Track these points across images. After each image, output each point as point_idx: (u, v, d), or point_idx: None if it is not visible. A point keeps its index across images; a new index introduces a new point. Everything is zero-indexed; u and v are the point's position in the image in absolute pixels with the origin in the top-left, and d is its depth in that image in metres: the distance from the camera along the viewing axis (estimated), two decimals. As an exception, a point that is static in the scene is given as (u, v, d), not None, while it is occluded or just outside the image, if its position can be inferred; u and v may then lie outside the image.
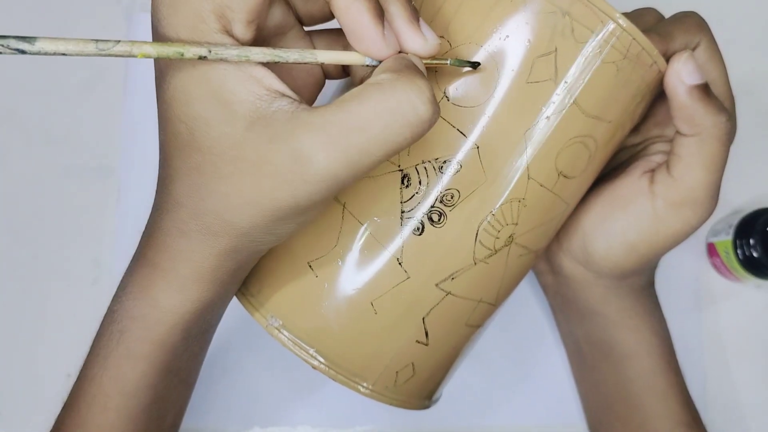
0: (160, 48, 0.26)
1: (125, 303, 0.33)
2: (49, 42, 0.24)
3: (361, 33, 0.28)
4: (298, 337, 0.34)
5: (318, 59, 0.29)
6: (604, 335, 0.44)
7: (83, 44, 0.25)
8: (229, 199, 0.29)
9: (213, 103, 0.28)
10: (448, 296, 0.34)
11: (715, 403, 0.52)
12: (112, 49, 0.25)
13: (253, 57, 0.27)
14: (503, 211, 0.33)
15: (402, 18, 0.29)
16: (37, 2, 0.55)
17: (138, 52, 0.26)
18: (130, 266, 0.34)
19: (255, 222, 0.29)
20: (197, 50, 0.26)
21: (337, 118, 0.27)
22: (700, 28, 0.37)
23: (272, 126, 0.27)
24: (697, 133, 0.36)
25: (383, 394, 0.35)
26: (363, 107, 0.27)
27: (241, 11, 0.28)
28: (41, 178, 0.53)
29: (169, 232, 0.31)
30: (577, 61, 0.32)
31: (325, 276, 0.34)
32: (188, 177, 0.29)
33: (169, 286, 0.32)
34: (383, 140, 0.27)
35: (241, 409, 0.51)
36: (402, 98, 0.27)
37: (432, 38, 0.30)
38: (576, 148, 0.34)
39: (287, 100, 0.28)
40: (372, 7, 0.28)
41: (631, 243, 0.38)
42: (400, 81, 0.27)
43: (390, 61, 0.29)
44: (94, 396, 0.34)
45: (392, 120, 0.27)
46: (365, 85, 0.27)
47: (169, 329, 0.33)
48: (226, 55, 0.27)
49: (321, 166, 0.27)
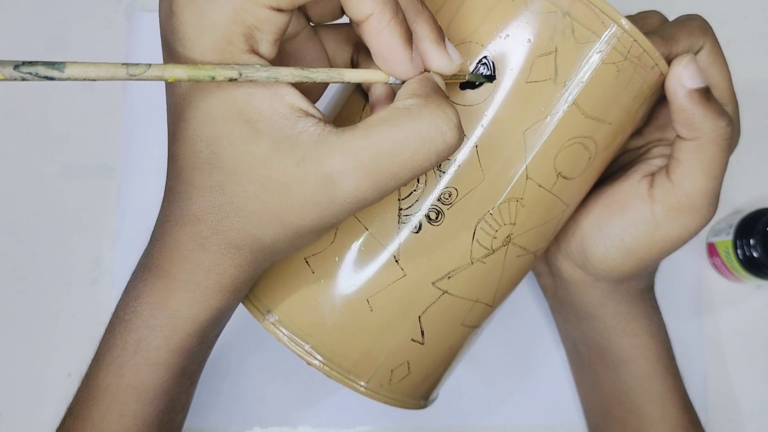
0: (191, 71, 0.26)
1: (141, 313, 0.33)
2: (79, 67, 0.24)
3: (389, 56, 0.28)
4: (294, 332, 0.34)
5: (344, 78, 0.29)
6: (601, 339, 0.44)
7: (114, 69, 0.24)
8: (255, 216, 0.29)
9: (237, 123, 0.28)
10: (444, 295, 0.34)
11: (715, 402, 0.52)
12: (143, 74, 0.25)
13: (282, 78, 0.27)
14: (501, 211, 0.33)
15: (429, 39, 0.30)
16: (38, 2, 0.55)
17: (169, 75, 0.25)
18: (142, 275, 0.33)
19: (279, 238, 0.29)
20: (228, 73, 0.26)
21: (367, 144, 0.27)
22: (704, 31, 0.37)
23: (299, 147, 0.27)
24: (696, 138, 0.35)
25: (378, 393, 0.35)
26: (392, 133, 0.27)
27: (269, 32, 0.28)
28: (41, 178, 0.53)
29: (186, 246, 0.31)
30: (577, 62, 0.32)
31: (321, 272, 0.34)
32: (210, 194, 0.29)
33: (190, 297, 0.32)
34: (411, 165, 0.27)
35: (242, 409, 0.51)
36: (431, 126, 0.27)
37: (457, 58, 0.30)
38: (575, 149, 0.34)
39: (312, 120, 0.28)
40: (403, 32, 0.28)
41: (628, 247, 0.38)
42: (428, 108, 0.27)
43: (416, 84, 0.29)
44: (110, 403, 0.34)
45: (421, 146, 0.27)
46: (393, 109, 0.28)
47: (187, 336, 0.33)
48: (257, 77, 0.27)
49: (350, 190, 0.27)
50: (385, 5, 0.27)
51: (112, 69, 0.24)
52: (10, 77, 0.23)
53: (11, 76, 0.23)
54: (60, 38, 0.55)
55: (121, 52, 0.54)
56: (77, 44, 0.55)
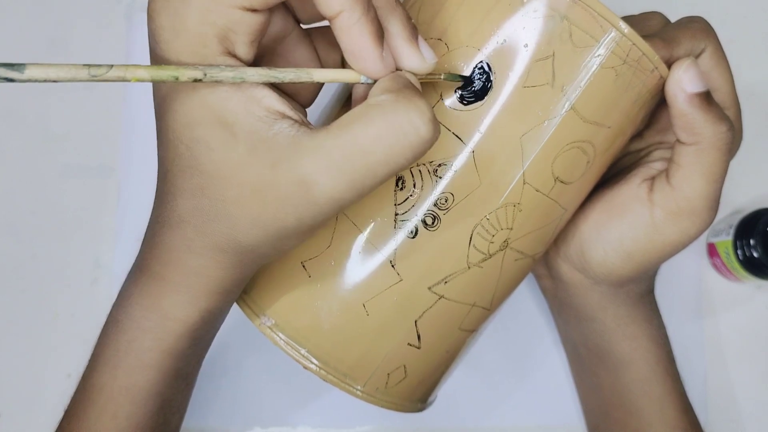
0: (154, 72, 0.25)
1: (133, 314, 0.33)
2: (39, 69, 0.23)
3: (359, 54, 0.28)
4: (290, 336, 0.35)
5: (313, 78, 0.29)
6: (600, 341, 0.44)
7: (75, 70, 0.24)
8: (236, 220, 0.29)
9: (214, 127, 0.28)
10: (440, 300, 0.34)
11: (715, 403, 0.52)
12: (105, 75, 0.25)
13: (248, 78, 0.27)
14: (498, 216, 0.33)
15: (401, 37, 0.29)
16: (38, 2, 0.55)
17: (131, 76, 0.25)
18: (134, 276, 0.34)
19: (260, 241, 0.29)
20: (192, 73, 0.26)
21: (340, 143, 0.27)
22: (706, 34, 0.37)
23: (274, 150, 0.27)
24: (696, 142, 0.35)
25: (374, 396, 0.36)
26: (365, 130, 0.27)
27: (244, 33, 0.28)
28: (41, 178, 0.53)
29: (175, 248, 0.31)
30: (575, 66, 0.32)
31: (317, 276, 0.34)
32: (192, 197, 0.29)
33: (180, 299, 0.32)
34: (386, 161, 0.27)
35: (241, 410, 0.51)
36: (403, 120, 0.27)
37: (430, 56, 0.30)
38: (573, 153, 0.34)
39: (288, 122, 0.28)
40: (373, 30, 0.28)
41: (628, 251, 0.38)
42: (400, 102, 0.27)
43: (387, 81, 0.29)
44: (104, 405, 0.34)
45: (395, 141, 0.27)
46: (365, 106, 0.27)
47: (178, 337, 0.33)
48: (222, 77, 0.27)
49: (326, 190, 0.27)
50: (356, 2, 0.27)
51: (73, 70, 0.24)
52: None
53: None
54: (60, 38, 0.55)
55: (121, 52, 0.54)
56: (77, 44, 0.55)
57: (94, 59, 0.54)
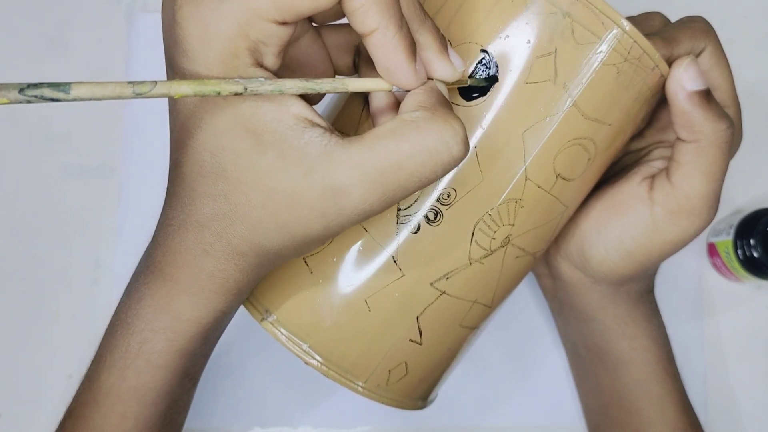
0: (197, 87, 0.26)
1: (144, 316, 0.33)
2: (85, 88, 0.23)
3: (394, 69, 0.28)
4: (292, 332, 0.35)
5: (349, 88, 0.29)
6: (600, 341, 0.44)
7: (120, 88, 0.24)
8: (261, 225, 0.29)
9: (242, 135, 0.28)
10: (442, 296, 0.34)
11: (715, 403, 0.52)
12: (150, 92, 0.25)
13: (286, 90, 0.27)
14: (500, 212, 0.33)
15: (433, 49, 0.30)
16: (38, 2, 0.55)
17: (176, 92, 0.25)
18: (144, 278, 0.33)
19: (285, 245, 0.30)
20: (233, 88, 0.26)
21: (374, 156, 0.27)
22: (706, 33, 0.37)
23: (305, 159, 0.27)
24: (696, 140, 0.35)
25: (375, 393, 0.35)
26: (399, 146, 0.27)
27: (274, 45, 0.28)
28: (42, 178, 0.53)
29: (190, 251, 0.31)
30: (577, 63, 0.32)
31: (320, 272, 0.34)
32: (214, 202, 0.29)
33: (193, 300, 0.32)
34: (417, 177, 0.28)
35: (242, 410, 0.51)
36: (437, 140, 0.27)
37: (459, 65, 0.30)
38: (575, 150, 0.34)
39: (318, 131, 0.28)
40: (408, 45, 0.28)
41: (628, 250, 0.38)
42: (435, 122, 0.27)
43: (422, 95, 0.29)
44: (111, 406, 0.34)
45: (427, 160, 0.27)
46: (400, 121, 0.28)
47: (191, 338, 0.33)
48: (262, 90, 0.27)
49: (357, 202, 0.27)
50: (390, 20, 0.27)
51: (118, 88, 0.24)
52: (15, 100, 0.23)
53: (16, 99, 0.23)
54: (60, 38, 0.55)
55: (121, 52, 0.54)
56: (77, 44, 0.55)
57: (94, 59, 0.54)
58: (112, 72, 0.54)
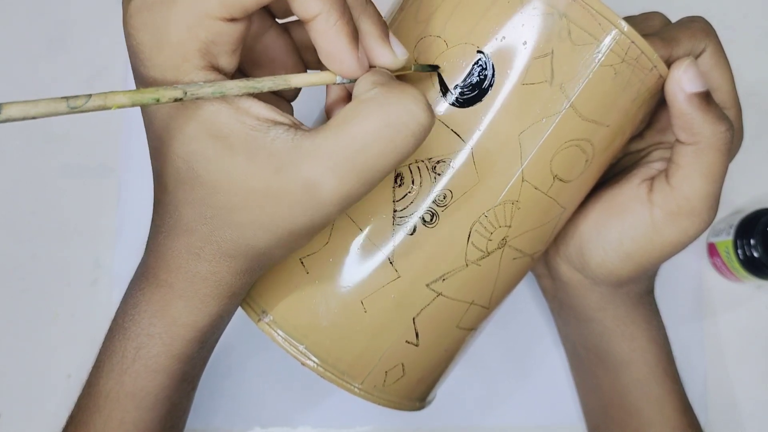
0: (134, 96, 0.25)
1: (140, 321, 0.33)
2: (16, 107, 0.23)
3: (336, 55, 0.28)
4: (289, 333, 0.35)
5: (291, 84, 0.29)
6: (600, 342, 0.44)
7: (54, 104, 0.23)
8: (244, 227, 0.29)
9: (209, 140, 0.28)
10: (438, 297, 0.34)
11: (715, 403, 0.52)
12: (85, 106, 0.24)
13: (228, 92, 0.27)
14: (496, 213, 0.33)
15: (373, 35, 0.29)
16: (38, 2, 0.55)
17: (112, 104, 0.25)
18: (140, 284, 0.33)
19: (272, 244, 0.30)
20: (172, 93, 0.26)
21: (341, 142, 0.27)
22: (706, 34, 0.37)
23: (275, 156, 0.27)
24: (695, 142, 0.35)
25: (372, 394, 0.35)
26: (363, 126, 0.27)
27: (226, 44, 0.27)
28: (41, 178, 0.53)
29: (181, 256, 0.31)
30: (574, 64, 0.32)
31: (316, 273, 0.34)
32: (196, 207, 0.29)
33: (188, 305, 0.32)
34: (389, 153, 0.27)
35: (242, 410, 0.51)
36: (401, 110, 0.27)
37: (401, 52, 0.30)
38: (572, 151, 0.33)
39: (282, 127, 0.27)
40: (350, 32, 0.28)
41: (627, 251, 0.38)
42: (393, 93, 0.27)
43: (373, 75, 0.29)
44: (111, 411, 0.34)
45: (395, 133, 0.27)
46: (360, 102, 0.27)
47: (188, 342, 0.33)
48: (202, 94, 0.26)
49: (333, 190, 0.27)
50: (332, 5, 0.27)
51: (52, 104, 0.23)
52: None
53: None
54: (60, 38, 0.55)
55: (121, 52, 0.54)
56: (77, 44, 0.55)
57: (94, 59, 0.54)
58: (112, 72, 0.54)
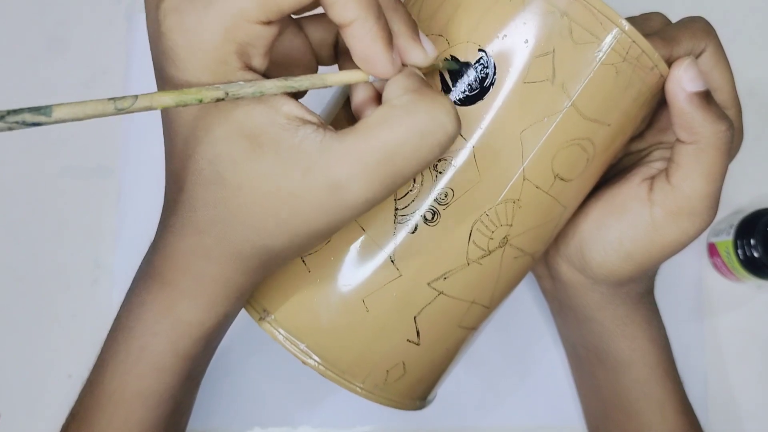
0: (178, 97, 0.25)
1: (146, 320, 0.33)
2: (66, 109, 0.23)
3: (371, 58, 0.28)
4: (290, 332, 0.34)
5: (327, 83, 0.29)
6: (600, 342, 0.44)
7: (102, 106, 0.24)
8: (263, 227, 0.29)
9: (239, 141, 0.28)
10: (440, 296, 0.34)
11: (715, 403, 0.52)
12: (132, 107, 0.25)
13: (267, 91, 0.27)
14: (498, 212, 0.33)
15: (405, 35, 0.30)
16: (38, 2, 0.55)
17: (158, 104, 0.25)
18: (145, 283, 0.33)
19: (288, 245, 0.30)
20: (214, 93, 0.26)
21: (370, 146, 0.27)
22: (707, 34, 0.37)
23: (303, 157, 0.27)
24: (695, 141, 0.35)
25: (373, 393, 0.35)
26: (393, 132, 0.27)
27: (261, 46, 0.28)
28: (41, 178, 0.53)
29: (190, 256, 0.31)
30: (575, 63, 0.32)
31: (317, 272, 0.34)
32: (213, 209, 0.29)
33: (195, 304, 0.32)
34: (416, 160, 0.28)
35: (242, 410, 0.51)
36: (430, 119, 0.27)
37: (431, 50, 0.30)
38: (573, 150, 0.34)
39: (311, 127, 0.28)
40: (385, 35, 0.28)
41: (627, 251, 0.38)
42: (424, 102, 0.28)
43: (406, 80, 0.29)
44: (115, 411, 0.34)
45: (423, 141, 0.27)
46: (390, 107, 0.28)
47: (193, 342, 0.33)
48: (243, 94, 0.27)
49: (358, 193, 0.28)
50: (369, 11, 0.27)
51: (100, 106, 0.24)
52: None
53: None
54: (60, 38, 0.55)
55: (120, 52, 0.54)
56: (77, 44, 0.55)
57: (94, 59, 0.54)
58: (112, 72, 0.54)
